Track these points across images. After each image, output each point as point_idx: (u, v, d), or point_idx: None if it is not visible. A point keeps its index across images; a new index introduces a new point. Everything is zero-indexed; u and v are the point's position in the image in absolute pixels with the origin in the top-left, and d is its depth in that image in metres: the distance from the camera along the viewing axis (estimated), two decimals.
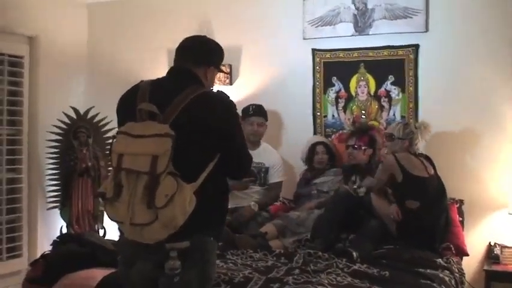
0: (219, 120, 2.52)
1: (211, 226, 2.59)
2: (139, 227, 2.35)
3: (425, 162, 4.53)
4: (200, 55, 2.75)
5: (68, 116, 5.65)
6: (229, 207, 4.77)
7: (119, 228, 2.62)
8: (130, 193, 2.35)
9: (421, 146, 4.66)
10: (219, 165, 2.54)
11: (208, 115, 2.50)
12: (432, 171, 4.52)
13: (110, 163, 2.52)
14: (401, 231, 4.43)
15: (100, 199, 5.22)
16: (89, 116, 5.73)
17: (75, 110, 5.71)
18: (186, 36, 2.87)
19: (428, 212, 4.37)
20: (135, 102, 2.53)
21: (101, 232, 5.57)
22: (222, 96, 2.65)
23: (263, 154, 5.22)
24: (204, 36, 2.88)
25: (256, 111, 5.26)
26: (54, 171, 5.67)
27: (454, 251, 4.52)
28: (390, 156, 4.53)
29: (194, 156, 2.47)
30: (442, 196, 4.54)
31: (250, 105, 5.29)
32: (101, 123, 5.68)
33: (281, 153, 5.47)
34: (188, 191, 2.37)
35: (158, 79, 2.72)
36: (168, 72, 2.76)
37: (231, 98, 2.67)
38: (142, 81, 2.68)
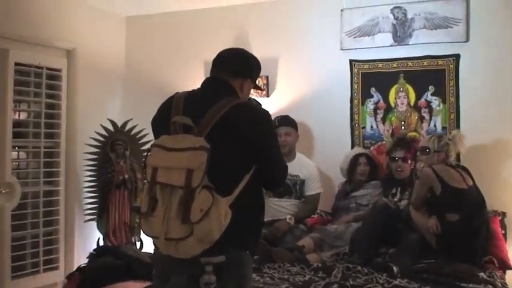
0: (255, 131, 2.47)
1: (247, 240, 2.54)
2: (174, 241, 2.31)
3: (463, 173, 4.43)
4: (238, 66, 2.70)
5: (105, 129, 5.67)
6: (267, 219, 4.87)
7: (153, 242, 2.58)
8: (165, 207, 2.31)
9: (454, 157, 4.55)
10: (254, 177, 2.48)
11: (244, 125, 2.45)
12: (471, 183, 4.41)
13: (145, 176, 2.47)
14: (441, 245, 4.33)
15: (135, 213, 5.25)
16: (127, 128, 5.74)
17: (113, 123, 5.73)
18: (222, 48, 2.83)
19: (468, 224, 4.27)
20: (170, 114, 2.49)
21: (138, 244, 5.55)
22: (257, 106, 2.61)
23: (298, 166, 5.17)
24: (242, 49, 2.84)
25: (282, 121, 5.21)
26: (91, 184, 5.70)
27: (497, 265, 4.39)
28: (428, 169, 4.43)
29: (229, 168, 2.42)
30: (481, 207, 4.42)
31: (276, 117, 5.22)
32: (138, 136, 5.68)
33: (318, 166, 5.39)
34: (224, 204, 2.31)
35: (193, 90, 2.66)
36: (203, 83, 2.70)
37: (264, 108, 2.62)
38: (177, 93, 2.64)
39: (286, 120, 5.23)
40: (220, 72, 2.67)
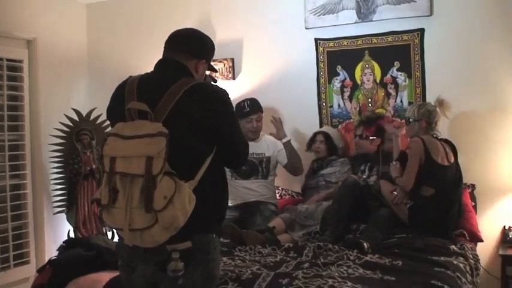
0: (213, 111, 2.41)
1: (212, 223, 2.50)
2: (139, 231, 2.25)
3: (447, 149, 4.41)
4: (192, 47, 2.62)
5: (70, 119, 5.59)
6: (237, 203, 4.87)
7: (117, 233, 2.53)
8: (126, 198, 2.24)
9: (440, 127, 4.53)
10: (215, 159, 2.45)
11: (202, 107, 2.39)
12: (452, 160, 4.40)
13: (102, 167, 2.40)
14: (412, 219, 4.34)
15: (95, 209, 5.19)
16: (92, 117, 5.66)
17: (77, 112, 5.65)
18: None
19: (442, 200, 4.28)
20: (124, 100, 2.42)
21: (109, 234, 5.50)
22: (214, 86, 2.55)
23: (264, 145, 5.13)
24: (196, 29, 2.74)
25: (252, 107, 5.10)
26: (58, 175, 5.63)
27: (467, 237, 4.42)
28: (417, 139, 4.36)
29: (190, 152, 2.38)
30: (458, 185, 4.44)
31: (244, 101, 5.14)
32: (104, 125, 5.60)
33: None
34: (187, 190, 2.27)
35: (147, 73, 2.59)
36: (157, 65, 2.62)
37: (221, 87, 2.57)
38: (130, 76, 2.56)
39: (256, 105, 5.13)
40: (174, 54, 2.59)
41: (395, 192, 4.36)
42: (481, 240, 4.57)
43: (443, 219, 4.30)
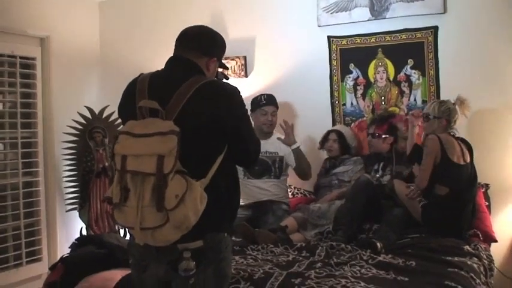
0: (225, 109, 2.39)
1: (224, 222, 2.49)
2: (150, 230, 2.24)
3: (464, 148, 4.35)
4: (204, 45, 2.60)
5: (83, 116, 5.60)
6: (249, 202, 4.86)
7: (129, 231, 2.51)
8: (137, 196, 2.23)
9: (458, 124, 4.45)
10: (227, 157, 2.43)
11: (213, 105, 2.37)
12: (468, 159, 4.34)
13: (113, 165, 2.39)
14: (426, 218, 4.31)
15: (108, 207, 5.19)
16: (104, 115, 5.67)
17: (90, 110, 5.66)
18: None
19: (456, 200, 4.23)
20: (135, 98, 2.41)
21: (122, 232, 5.50)
22: (225, 84, 2.53)
23: (276, 143, 5.09)
24: (207, 26, 2.72)
25: (269, 100, 5.11)
26: (71, 173, 5.64)
27: (481, 238, 4.38)
28: (433, 136, 4.30)
29: (201, 150, 2.36)
30: (472, 184, 4.38)
31: (261, 95, 5.16)
32: (116, 122, 5.59)
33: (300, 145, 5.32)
34: (198, 188, 2.25)
35: (157, 71, 2.57)
36: (168, 63, 2.60)
37: (234, 86, 2.55)
38: (141, 74, 2.55)
39: (272, 100, 5.13)
40: (185, 51, 2.57)
41: (412, 187, 4.32)
42: (495, 241, 4.53)
43: (457, 219, 4.26)
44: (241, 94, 2.52)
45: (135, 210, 2.23)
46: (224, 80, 2.77)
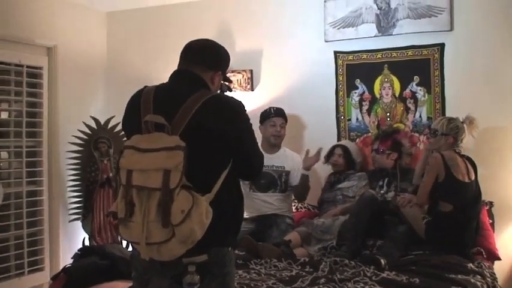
0: (230, 124, 2.39)
1: (229, 236, 2.48)
2: (155, 245, 2.23)
3: (469, 165, 4.36)
4: (208, 58, 2.59)
5: (88, 127, 5.61)
6: (253, 215, 4.85)
7: (132, 246, 2.50)
8: (143, 211, 2.21)
9: (464, 143, 4.47)
10: (231, 171, 2.42)
11: (219, 120, 2.36)
12: (473, 177, 4.34)
13: (118, 179, 2.38)
14: (429, 235, 4.30)
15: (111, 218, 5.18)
16: (110, 125, 5.67)
17: (96, 120, 5.67)
18: None
19: (460, 217, 4.23)
20: (140, 112, 2.39)
21: (124, 243, 5.49)
22: (231, 98, 2.52)
23: (283, 157, 5.11)
24: (211, 40, 2.70)
25: (278, 112, 5.14)
26: (75, 183, 5.64)
27: (485, 256, 4.37)
28: (437, 154, 4.31)
29: (207, 164, 2.35)
30: (477, 202, 4.38)
31: (271, 107, 5.20)
32: (122, 133, 5.58)
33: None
34: (204, 203, 2.24)
35: (163, 84, 2.55)
36: (173, 77, 2.58)
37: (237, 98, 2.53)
38: (146, 86, 2.53)
39: (281, 112, 5.16)
40: (190, 65, 2.55)
41: (402, 195, 4.34)
42: (499, 259, 4.51)
43: (461, 236, 4.25)
44: (245, 108, 2.51)
45: (141, 225, 2.21)
46: (228, 92, 2.76)
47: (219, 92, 2.66)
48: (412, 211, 4.36)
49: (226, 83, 2.82)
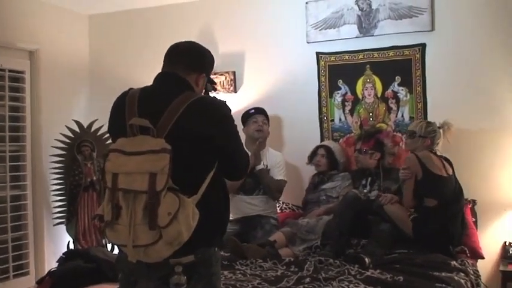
0: (214, 125, 2.39)
1: (215, 237, 2.49)
2: (142, 247, 2.23)
3: (444, 162, 4.43)
4: (192, 61, 2.58)
5: (71, 130, 5.59)
6: (237, 217, 4.87)
7: (119, 249, 2.51)
8: (130, 214, 2.21)
9: (439, 146, 4.55)
10: (217, 172, 2.43)
11: (204, 122, 2.36)
12: (451, 172, 4.42)
13: (103, 182, 2.37)
14: (417, 231, 4.34)
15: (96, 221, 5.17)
16: (93, 128, 5.66)
17: (78, 124, 5.65)
18: None
19: (444, 212, 4.28)
20: (124, 114, 2.39)
21: (109, 246, 5.49)
22: (215, 99, 2.52)
23: (267, 156, 5.12)
24: (195, 42, 2.69)
25: (258, 110, 5.17)
26: (59, 187, 5.62)
27: (469, 254, 4.41)
28: (411, 155, 4.44)
29: (193, 166, 2.36)
30: (459, 197, 4.44)
31: (251, 108, 5.23)
32: (105, 136, 5.59)
33: (288, 160, 5.37)
34: (190, 205, 2.24)
35: (147, 87, 2.54)
36: (157, 79, 2.57)
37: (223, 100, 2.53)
38: (131, 89, 2.53)
39: (262, 110, 5.19)
40: (175, 67, 2.54)
41: (383, 195, 4.45)
42: (482, 257, 4.58)
43: (447, 231, 4.30)
44: (230, 109, 2.52)
45: (128, 228, 2.21)
46: (212, 92, 2.77)
47: (203, 93, 2.67)
48: (397, 211, 4.41)
49: (208, 84, 2.82)
